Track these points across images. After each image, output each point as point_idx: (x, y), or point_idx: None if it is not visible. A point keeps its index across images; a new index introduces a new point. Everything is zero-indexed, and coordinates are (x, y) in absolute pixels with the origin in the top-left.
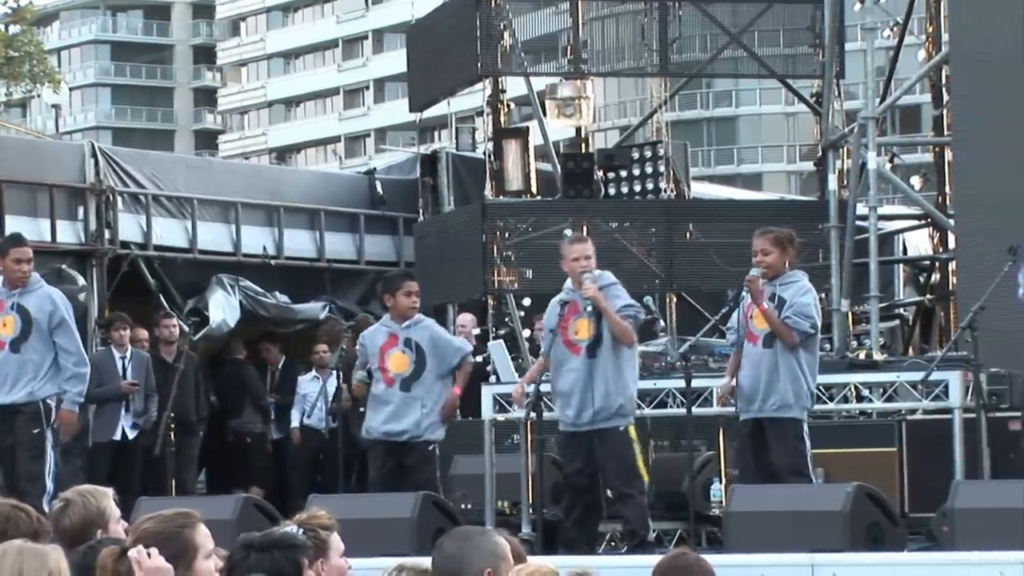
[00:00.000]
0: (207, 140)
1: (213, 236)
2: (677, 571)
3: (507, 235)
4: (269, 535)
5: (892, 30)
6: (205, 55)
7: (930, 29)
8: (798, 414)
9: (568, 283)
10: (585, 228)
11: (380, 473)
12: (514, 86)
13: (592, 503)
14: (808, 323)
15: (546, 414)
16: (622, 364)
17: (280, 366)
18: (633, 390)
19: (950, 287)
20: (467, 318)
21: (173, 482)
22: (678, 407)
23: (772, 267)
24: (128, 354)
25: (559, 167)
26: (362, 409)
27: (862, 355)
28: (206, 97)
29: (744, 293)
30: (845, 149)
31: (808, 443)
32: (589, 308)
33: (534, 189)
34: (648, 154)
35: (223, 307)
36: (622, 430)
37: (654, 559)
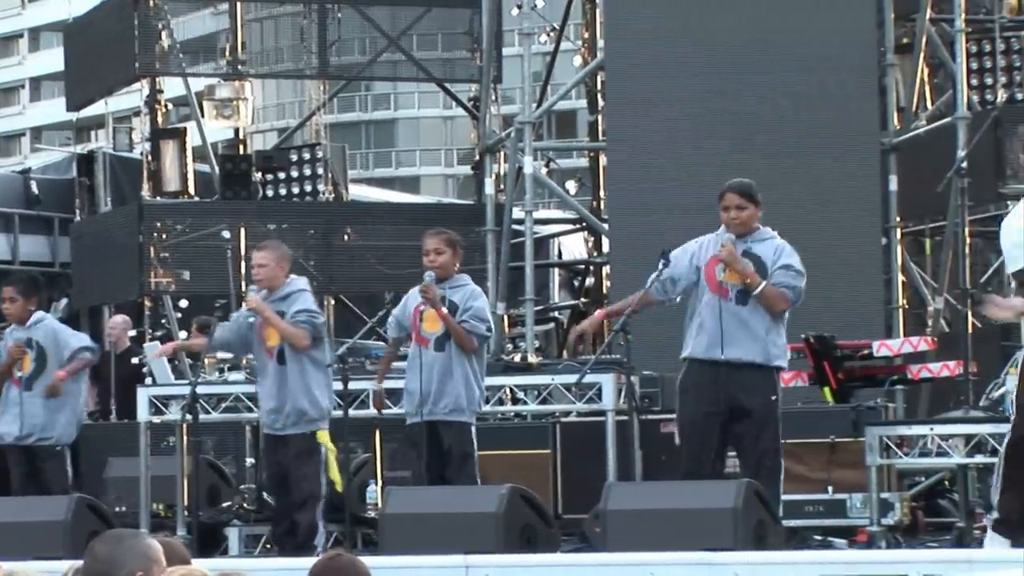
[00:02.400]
0: None
1: None
2: (333, 573)
3: (164, 236)
4: None
5: (549, 35)
6: None
7: (586, 35)
8: (469, 418)
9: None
10: (243, 230)
11: (17, 476)
12: (172, 86)
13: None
14: (484, 326)
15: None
16: (307, 371)
17: None
18: (320, 396)
19: (604, 290)
20: (118, 320)
21: None
22: (336, 409)
23: (444, 268)
24: None
25: (217, 168)
26: None
27: (517, 358)
28: None
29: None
30: (502, 153)
31: (476, 446)
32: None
33: (192, 190)
34: (306, 156)
35: None
36: (308, 435)
37: (310, 561)
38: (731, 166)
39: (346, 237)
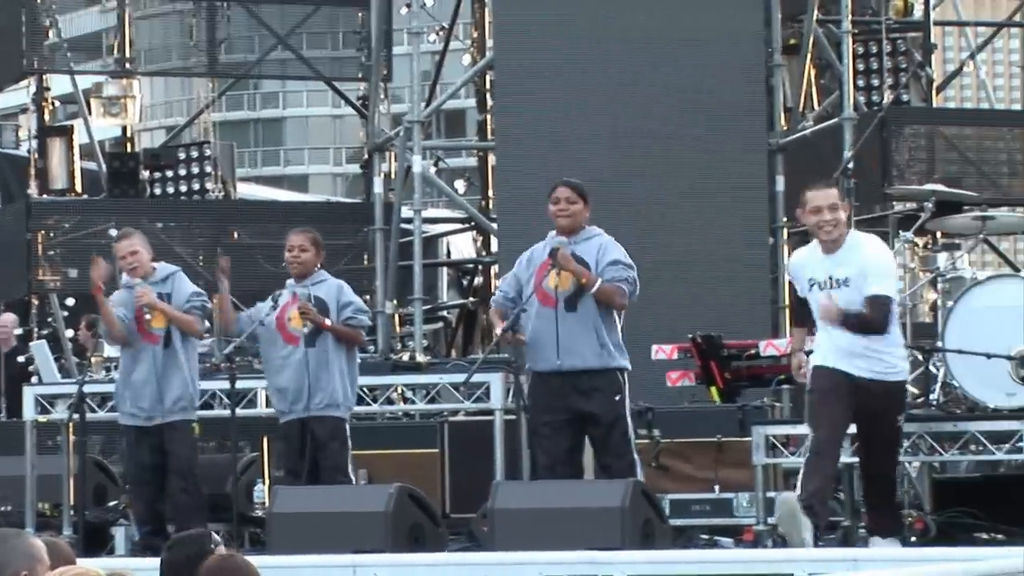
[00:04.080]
0: None
1: None
2: (223, 573)
3: (52, 234)
4: None
5: (438, 35)
6: None
7: (475, 35)
8: (343, 413)
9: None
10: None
11: None
12: (59, 84)
13: None
14: (367, 316)
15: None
16: (192, 357)
17: None
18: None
19: (492, 289)
20: (7, 318)
21: None
22: (223, 408)
23: (305, 265)
24: None
25: (104, 166)
26: None
27: (406, 357)
28: None
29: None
30: (391, 152)
31: (350, 443)
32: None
33: (79, 188)
34: (195, 154)
35: None
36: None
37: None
38: (618, 166)
39: (235, 236)
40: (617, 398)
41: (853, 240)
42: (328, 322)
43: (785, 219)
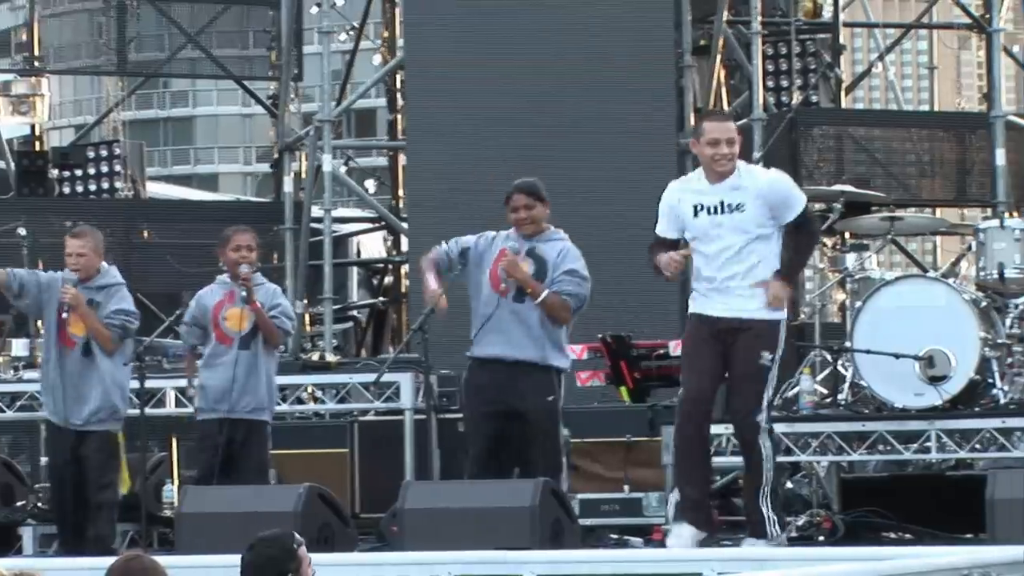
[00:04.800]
0: None
1: None
2: (131, 573)
3: None
4: None
5: (348, 34)
6: None
7: (385, 34)
8: (268, 417)
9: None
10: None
11: None
12: None
13: None
14: (290, 324)
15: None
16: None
17: None
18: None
19: (403, 289)
20: None
21: None
22: (132, 407)
23: (252, 265)
24: None
25: (13, 165)
26: None
27: (316, 357)
28: None
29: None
30: (301, 152)
31: (269, 445)
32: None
33: None
34: (104, 153)
35: None
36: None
37: (106, 561)
38: (530, 166)
39: (145, 235)
40: (550, 398)
41: (745, 168)
42: (258, 304)
43: None
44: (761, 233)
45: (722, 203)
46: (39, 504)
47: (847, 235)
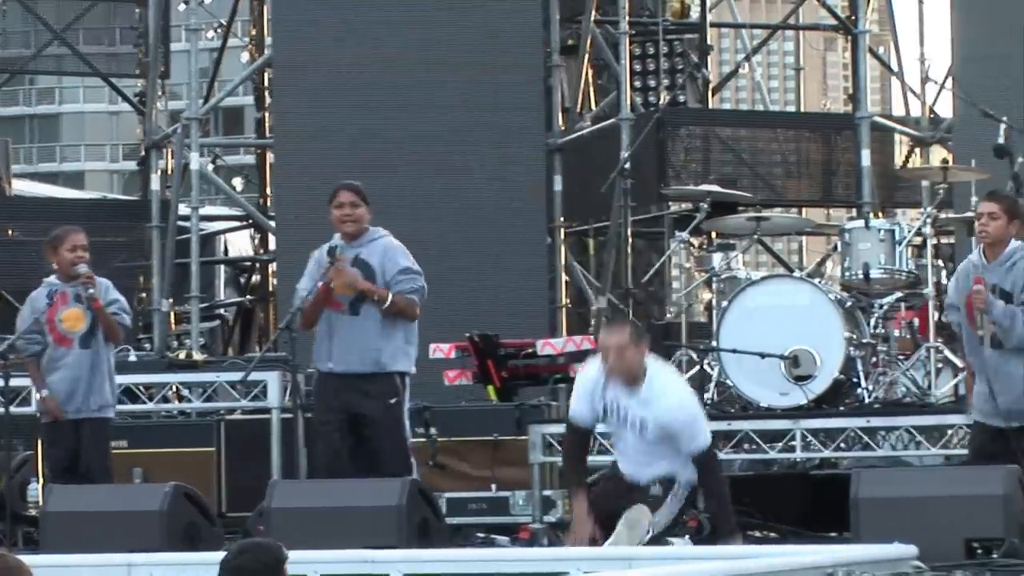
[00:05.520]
0: None
1: None
2: None
3: None
4: None
5: (216, 32)
6: None
7: (253, 32)
8: (112, 413)
9: None
10: None
11: None
12: None
13: None
14: (129, 318)
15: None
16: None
17: None
18: None
19: (271, 288)
20: None
21: None
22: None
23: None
24: None
25: None
26: None
27: (182, 355)
28: None
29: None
30: (168, 149)
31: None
32: None
33: None
34: None
35: None
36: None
37: None
38: (396, 165)
39: (10, 232)
40: (393, 401)
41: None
42: (100, 301)
43: (562, 219)
44: None
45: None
46: None
47: (714, 235)
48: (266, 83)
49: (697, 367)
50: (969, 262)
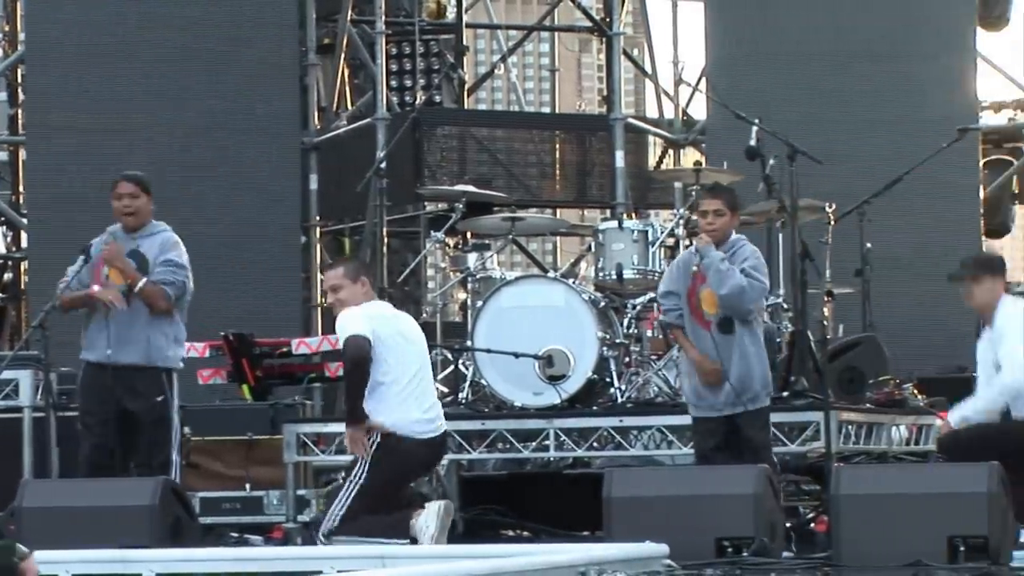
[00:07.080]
0: None
1: None
2: None
3: None
4: None
5: None
6: None
7: (7, 28)
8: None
9: None
10: None
11: None
12: None
13: None
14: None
15: None
16: None
17: None
18: None
19: (23, 286)
20: None
21: None
22: None
23: None
24: None
25: None
26: None
27: None
28: None
29: None
30: None
31: None
32: None
33: None
34: None
35: None
36: None
37: None
38: (155, 164)
39: None
40: (160, 398)
41: None
42: None
43: (318, 217)
44: None
45: None
46: None
47: (469, 235)
48: (19, 80)
49: (452, 367)
50: (689, 253)
